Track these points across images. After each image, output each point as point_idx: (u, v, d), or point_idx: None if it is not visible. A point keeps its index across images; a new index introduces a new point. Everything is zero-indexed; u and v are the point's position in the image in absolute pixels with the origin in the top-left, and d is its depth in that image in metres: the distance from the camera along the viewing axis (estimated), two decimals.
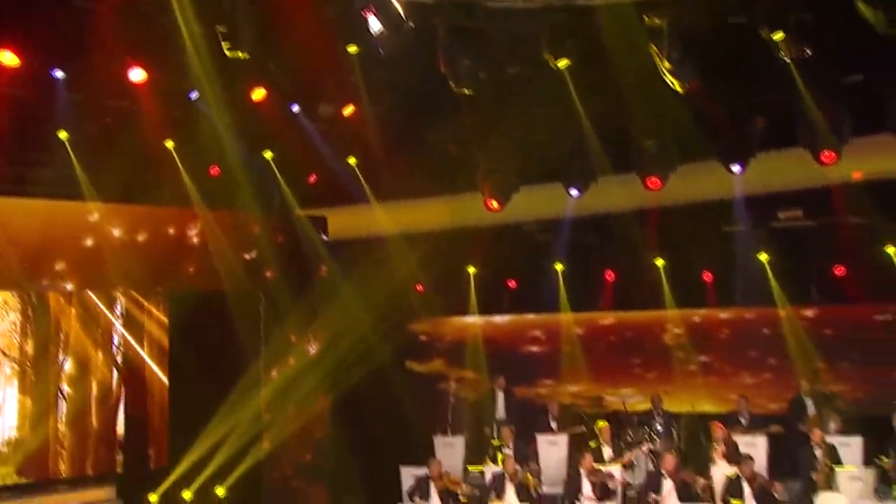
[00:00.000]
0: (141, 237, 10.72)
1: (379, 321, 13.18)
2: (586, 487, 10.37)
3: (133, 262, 10.71)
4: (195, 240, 11.11)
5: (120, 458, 12.57)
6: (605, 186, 12.48)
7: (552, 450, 11.94)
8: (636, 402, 13.27)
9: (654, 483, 10.25)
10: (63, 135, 9.80)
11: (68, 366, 12.34)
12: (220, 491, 11.15)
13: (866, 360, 12.41)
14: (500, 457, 11.25)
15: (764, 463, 10.97)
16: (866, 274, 12.56)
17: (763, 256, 13.09)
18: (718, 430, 11.18)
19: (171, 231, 11.02)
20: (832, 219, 12.67)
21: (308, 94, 11.04)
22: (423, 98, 11.02)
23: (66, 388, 12.27)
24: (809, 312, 12.94)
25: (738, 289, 13.52)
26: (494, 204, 11.55)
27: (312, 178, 12.37)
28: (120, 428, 12.76)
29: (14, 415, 11.60)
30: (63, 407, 12.21)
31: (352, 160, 12.45)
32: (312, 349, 11.98)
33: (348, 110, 11.21)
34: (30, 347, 11.79)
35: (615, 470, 10.84)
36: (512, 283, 14.86)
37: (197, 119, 10.45)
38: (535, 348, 14.27)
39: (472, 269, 14.59)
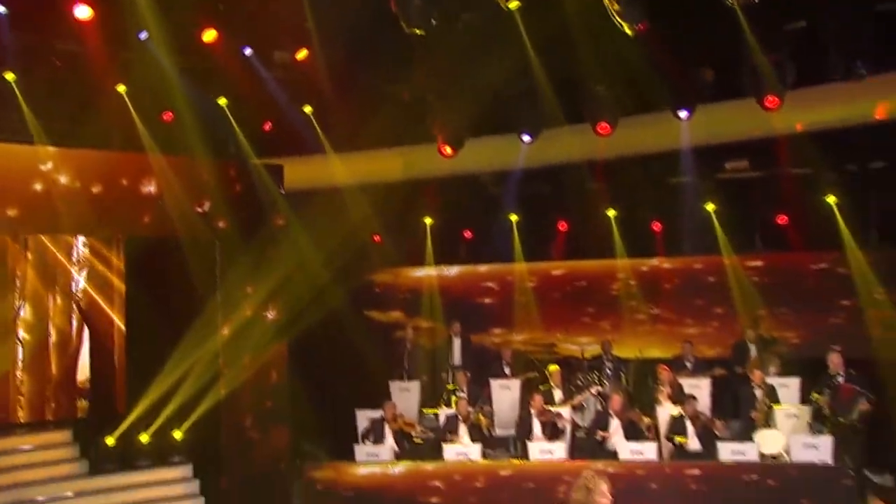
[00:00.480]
0: (93, 183, 10.40)
1: (336, 271, 13.04)
2: (536, 428, 10.47)
3: (85, 208, 10.40)
4: (149, 186, 10.80)
5: (81, 404, 12.46)
6: (557, 137, 12.48)
7: (505, 394, 12.02)
8: (588, 349, 13.31)
9: (601, 422, 10.38)
10: (10, 76, 9.44)
11: (24, 312, 12.14)
12: (178, 434, 11.01)
13: (804, 306, 12.53)
14: (454, 400, 11.30)
15: (707, 403, 11.17)
16: (807, 223, 12.71)
17: (710, 206, 13.16)
18: (664, 372, 11.36)
19: (124, 177, 10.69)
20: (776, 169, 12.79)
21: (261, 39, 10.77)
22: (376, 46, 10.83)
23: (22, 334, 12.07)
24: (752, 261, 13.02)
25: (685, 238, 13.59)
26: (448, 150, 11.47)
27: (267, 126, 12.12)
28: (80, 374, 12.63)
29: None
30: (20, 353, 12.04)
31: (308, 109, 12.21)
32: (270, 315, 11.83)
33: (301, 54, 10.95)
34: None
35: (564, 411, 10.95)
36: (467, 234, 14.81)
37: (148, 62, 10.13)
38: (489, 297, 14.23)
39: (428, 220, 14.50)
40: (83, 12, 9.15)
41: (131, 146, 10.65)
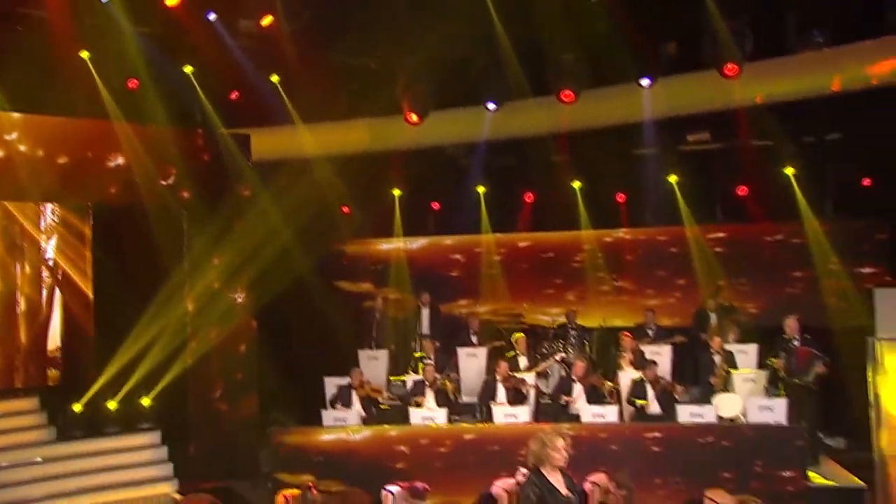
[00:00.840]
0: (58, 150, 10.22)
1: (305, 242, 12.96)
2: (501, 393, 10.49)
3: (50, 176, 10.25)
4: (114, 154, 10.63)
5: (52, 373, 12.15)
6: (523, 110, 12.46)
7: (472, 361, 12.03)
8: (553, 319, 13.37)
9: (565, 387, 10.45)
10: None
11: None
12: (146, 401, 10.93)
13: (763, 276, 12.70)
14: (421, 367, 11.27)
15: (668, 369, 11.27)
16: (767, 194, 12.84)
17: (672, 178, 13.23)
18: (626, 339, 11.47)
19: (89, 145, 10.51)
20: (737, 141, 12.87)
21: (225, 5, 10.59)
22: (341, 15, 10.72)
23: None
24: (714, 232, 13.15)
25: (648, 209, 13.66)
26: (414, 117, 11.38)
27: (234, 95, 11.95)
28: (51, 343, 12.33)
29: None
30: None
31: (274, 78, 12.06)
32: (238, 295, 11.75)
33: (266, 20, 10.79)
34: None
35: (529, 377, 10.98)
36: (435, 206, 14.73)
37: (112, 29, 9.94)
38: (456, 268, 14.20)
39: (397, 192, 14.42)
40: None
41: (96, 114, 10.46)
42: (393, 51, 11.53)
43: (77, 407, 10.59)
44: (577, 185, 13.76)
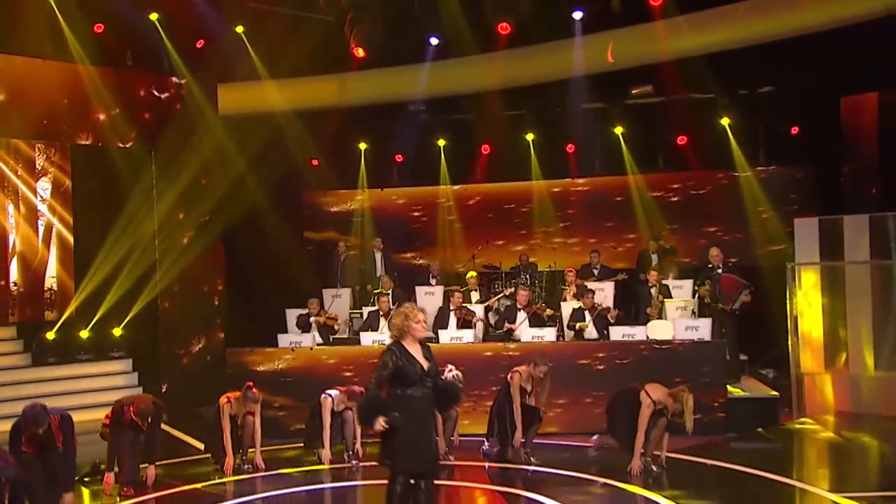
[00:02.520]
0: (26, 90, 10.13)
1: (274, 193, 12.95)
2: (452, 321, 10.51)
3: (18, 115, 10.18)
4: (82, 96, 10.57)
5: (50, 314, 11.94)
6: (478, 64, 12.44)
7: (429, 300, 12.01)
8: (505, 262, 13.43)
9: (510, 315, 10.50)
10: None
11: None
12: (117, 331, 10.91)
13: (700, 221, 12.82)
14: (376, 300, 11.27)
15: (610, 304, 11.27)
16: (704, 144, 12.88)
17: (618, 129, 13.27)
18: (570, 274, 11.59)
19: (57, 86, 10.44)
20: (677, 94, 12.87)
21: None
22: None
23: None
24: (655, 180, 13.18)
25: (595, 160, 13.69)
26: (360, 52, 11.33)
27: (200, 44, 11.83)
28: (47, 283, 12.19)
29: None
30: None
31: (239, 29, 11.97)
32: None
33: None
34: None
35: (478, 309, 11.01)
36: (399, 158, 14.69)
37: None
38: (417, 216, 14.22)
39: (363, 146, 14.38)
40: None
41: (62, 56, 10.37)
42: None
43: (50, 335, 10.55)
44: (530, 137, 13.78)
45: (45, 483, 5.96)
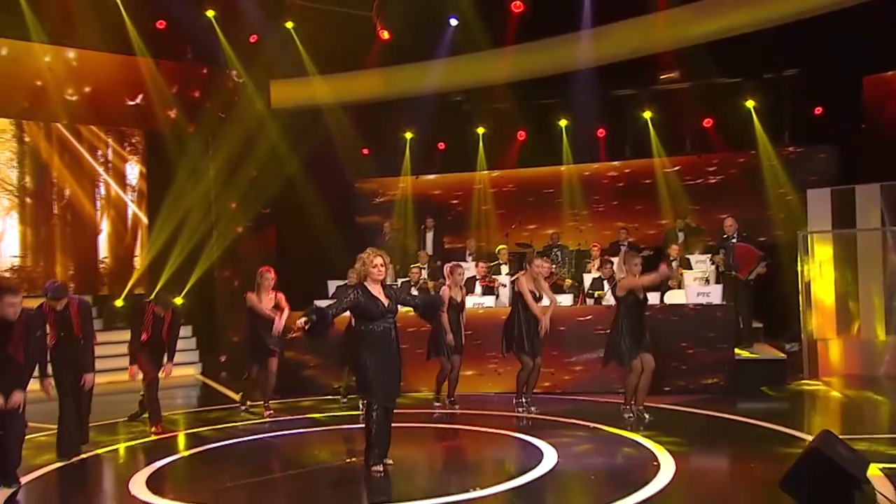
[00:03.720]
0: (89, 80, 10.84)
1: (326, 180, 13.38)
2: (478, 288, 10.76)
3: (84, 103, 10.89)
4: (141, 88, 11.28)
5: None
6: (514, 56, 12.66)
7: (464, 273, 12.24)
8: (539, 243, 13.57)
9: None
10: None
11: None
12: (178, 300, 11.52)
13: (723, 200, 12.67)
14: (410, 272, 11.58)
15: None
16: (729, 126, 12.78)
17: (647, 114, 13.29)
18: (595, 248, 11.71)
19: (120, 77, 11.16)
20: (703, 79, 12.82)
21: None
22: None
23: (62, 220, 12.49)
24: (681, 162, 13.14)
25: (625, 144, 13.72)
26: (385, 34, 11.67)
27: (253, 39, 12.37)
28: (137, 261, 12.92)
29: (16, 244, 11.86)
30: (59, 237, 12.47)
31: (289, 24, 12.48)
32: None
33: None
34: (28, 182, 12.02)
35: (505, 280, 11.19)
36: (441, 146, 14.99)
37: None
38: (456, 200, 14.49)
39: (408, 135, 14.72)
40: None
41: (125, 49, 11.06)
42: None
43: (118, 302, 11.19)
44: (563, 123, 13.92)
45: (70, 367, 6.35)
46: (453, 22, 11.98)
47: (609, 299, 10.25)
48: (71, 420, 6.33)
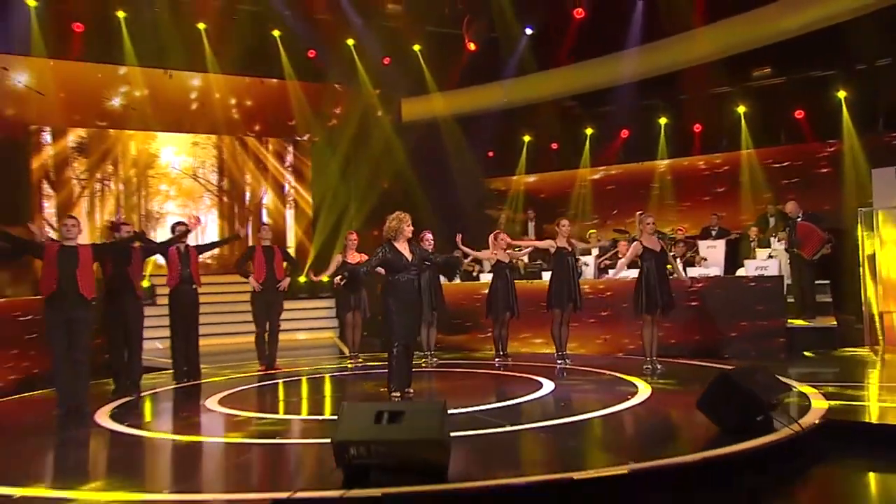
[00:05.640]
0: (269, 102, 12.66)
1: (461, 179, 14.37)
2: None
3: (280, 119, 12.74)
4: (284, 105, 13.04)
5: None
6: (612, 63, 12.98)
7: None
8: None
9: (614, 263, 10.91)
10: (201, 26, 11.84)
11: (248, 198, 14.55)
12: (325, 278, 12.86)
13: (810, 187, 12.15)
14: None
15: (721, 259, 11.20)
16: (819, 118, 12.26)
17: (741, 109, 13.04)
18: (679, 232, 11.68)
19: (272, 97, 13.00)
20: (796, 73, 12.39)
21: None
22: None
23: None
24: (772, 153, 12.76)
25: (720, 138, 13.52)
26: (472, 46, 12.41)
27: (387, 61, 13.60)
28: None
29: (216, 235, 13.92)
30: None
31: (416, 47, 13.60)
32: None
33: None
34: (225, 183, 14.10)
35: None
36: (554, 146, 15.50)
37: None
38: (567, 193, 14.93)
39: (527, 138, 15.38)
40: None
41: (278, 75, 12.80)
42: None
43: (301, 278, 12.64)
44: (663, 121, 13.96)
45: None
46: (528, 31, 12.50)
47: (681, 274, 10.37)
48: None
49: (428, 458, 3.55)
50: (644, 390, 6.26)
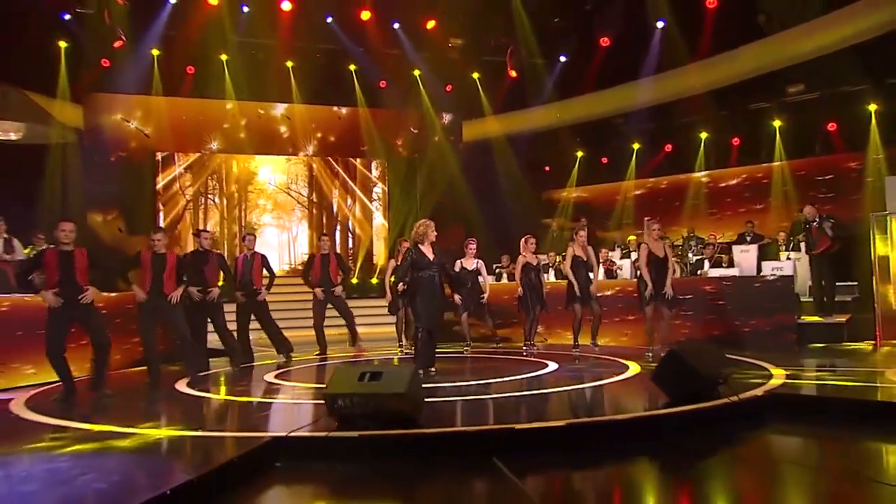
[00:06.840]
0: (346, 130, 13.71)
1: (519, 193, 14.87)
2: (601, 271, 11.42)
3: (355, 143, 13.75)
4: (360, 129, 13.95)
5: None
6: (661, 83, 13.17)
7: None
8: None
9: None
10: (289, 63, 12.92)
11: (335, 210, 15.58)
12: (374, 280, 13.71)
13: (839, 194, 11.87)
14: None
15: (753, 263, 11.14)
16: (850, 129, 11.97)
17: (776, 123, 12.87)
18: (713, 237, 11.72)
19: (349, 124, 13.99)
20: (829, 89, 12.15)
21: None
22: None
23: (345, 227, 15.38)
24: (807, 164, 12.53)
25: (757, 151, 13.37)
26: (513, 73, 12.84)
27: (448, 89, 14.30)
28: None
29: (305, 244, 15.01)
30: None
31: (475, 75, 14.22)
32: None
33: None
34: (314, 196, 15.17)
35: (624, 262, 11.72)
36: (604, 160, 15.69)
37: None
38: (611, 203, 15.08)
39: (580, 153, 15.67)
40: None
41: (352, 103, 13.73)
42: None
43: (354, 280, 13.54)
44: (703, 135, 13.93)
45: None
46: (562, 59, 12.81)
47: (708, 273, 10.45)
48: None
49: (398, 409, 4.13)
50: (634, 372, 6.53)
